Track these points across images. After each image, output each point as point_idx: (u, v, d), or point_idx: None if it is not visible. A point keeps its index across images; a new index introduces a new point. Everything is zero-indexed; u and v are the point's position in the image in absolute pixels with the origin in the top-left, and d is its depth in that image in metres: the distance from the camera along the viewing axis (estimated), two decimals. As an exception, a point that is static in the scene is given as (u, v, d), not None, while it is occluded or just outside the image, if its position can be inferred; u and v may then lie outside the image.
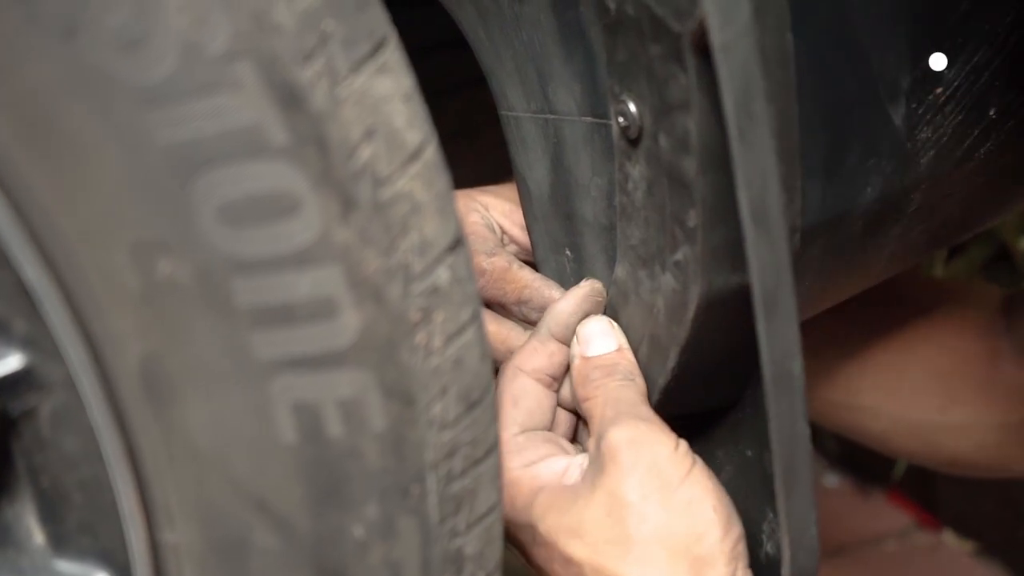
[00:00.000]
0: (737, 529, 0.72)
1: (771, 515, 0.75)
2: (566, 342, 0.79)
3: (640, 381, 0.77)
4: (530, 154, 0.82)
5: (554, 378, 0.79)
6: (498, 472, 0.64)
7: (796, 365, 0.66)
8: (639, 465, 0.72)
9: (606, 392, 0.76)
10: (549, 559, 0.74)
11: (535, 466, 0.75)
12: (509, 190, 0.88)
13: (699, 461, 0.74)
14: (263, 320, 0.55)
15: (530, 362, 0.79)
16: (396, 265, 0.56)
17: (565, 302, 0.80)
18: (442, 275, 0.58)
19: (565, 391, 0.81)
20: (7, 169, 0.54)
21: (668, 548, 0.70)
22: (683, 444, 0.74)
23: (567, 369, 0.80)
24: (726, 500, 0.73)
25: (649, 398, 0.77)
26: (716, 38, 0.59)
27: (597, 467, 0.73)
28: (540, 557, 0.74)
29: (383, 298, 0.56)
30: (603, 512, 0.71)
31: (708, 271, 0.69)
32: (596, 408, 0.76)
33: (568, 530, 0.72)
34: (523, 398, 0.78)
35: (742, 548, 0.73)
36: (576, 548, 0.72)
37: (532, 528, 0.74)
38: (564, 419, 0.81)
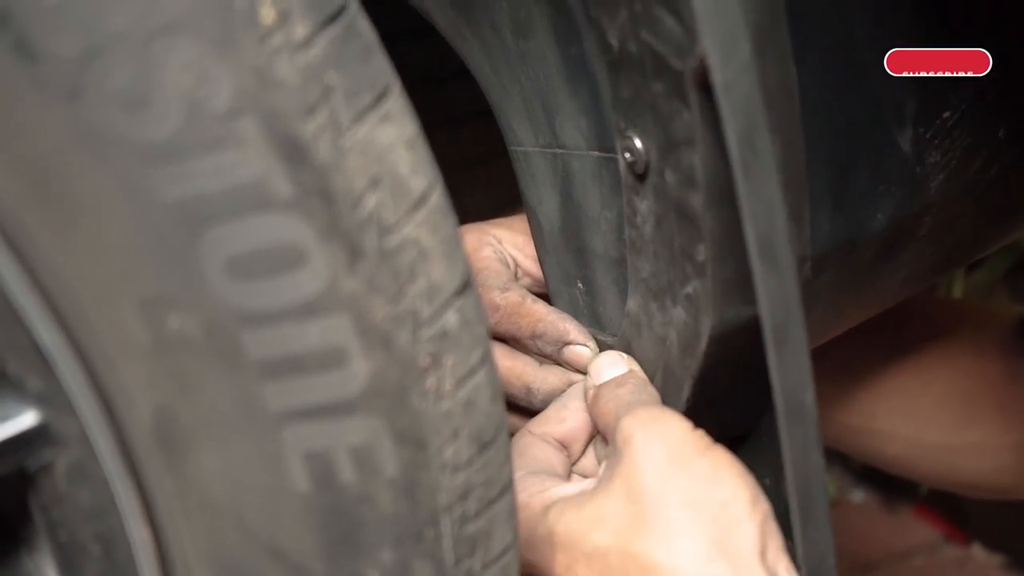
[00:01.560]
0: (764, 504, 0.69)
1: (791, 543, 0.74)
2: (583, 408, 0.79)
3: (652, 389, 0.76)
4: (540, 188, 0.83)
5: (563, 443, 0.79)
6: (513, 511, 0.64)
7: (808, 396, 0.66)
8: (653, 443, 0.69)
9: (617, 399, 0.75)
10: (572, 561, 0.70)
11: (546, 491, 0.74)
12: (521, 222, 0.88)
13: (720, 445, 0.70)
14: (273, 371, 0.56)
15: (538, 426, 0.79)
16: (404, 312, 0.56)
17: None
18: (451, 319, 0.58)
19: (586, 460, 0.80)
20: (18, 229, 0.55)
21: (693, 518, 0.67)
22: (700, 430, 0.71)
23: (584, 439, 0.80)
24: (751, 476, 0.70)
25: None
26: (717, 76, 0.59)
27: (613, 460, 0.71)
28: (562, 565, 0.71)
29: (392, 345, 0.56)
30: (623, 496, 0.69)
31: (719, 304, 0.69)
32: (609, 415, 0.74)
33: (588, 522, 0.69)
34: (529, 448, 0.77)
35: (773, 526, 0.69)
36: (599, 537, 0.69)
37: (550, 536, 0.71)
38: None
